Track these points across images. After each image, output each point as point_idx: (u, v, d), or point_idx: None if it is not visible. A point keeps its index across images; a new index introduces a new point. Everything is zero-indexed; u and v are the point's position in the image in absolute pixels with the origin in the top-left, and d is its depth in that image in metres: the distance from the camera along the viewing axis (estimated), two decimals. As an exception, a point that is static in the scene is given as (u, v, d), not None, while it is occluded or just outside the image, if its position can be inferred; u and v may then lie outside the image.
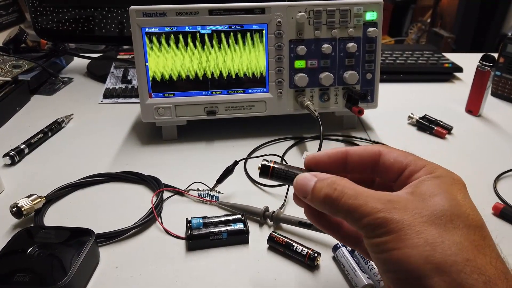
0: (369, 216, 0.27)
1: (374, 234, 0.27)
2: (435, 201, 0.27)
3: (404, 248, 0.25)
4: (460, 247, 0.25)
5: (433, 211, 0.26)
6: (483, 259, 0.25)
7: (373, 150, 0.32)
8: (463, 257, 0.25)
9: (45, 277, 0.40)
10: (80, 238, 0.44)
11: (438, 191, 0.28)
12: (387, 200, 0.27)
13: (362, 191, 0.28)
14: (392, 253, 0.26)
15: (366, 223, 0.27)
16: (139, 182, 0.58)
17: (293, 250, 0.45)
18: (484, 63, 0.75)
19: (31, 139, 0.67)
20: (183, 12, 0.63)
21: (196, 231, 0.47)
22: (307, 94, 0.68)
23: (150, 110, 0.66)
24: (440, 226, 0.26)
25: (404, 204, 0.27)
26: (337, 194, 0.29)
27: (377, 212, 0.27)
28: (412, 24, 2.84)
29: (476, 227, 0.26)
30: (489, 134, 0.73)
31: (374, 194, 0.28)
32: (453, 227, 0.26)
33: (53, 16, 0.89)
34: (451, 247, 0.25)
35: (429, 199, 0.27)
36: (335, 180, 0.30)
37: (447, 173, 0.29)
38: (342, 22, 0.66)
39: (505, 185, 0.58)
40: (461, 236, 0.26)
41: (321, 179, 0.31)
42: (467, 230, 0.26)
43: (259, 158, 0.63)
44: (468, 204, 0.28)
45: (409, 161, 0.31)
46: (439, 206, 0.27)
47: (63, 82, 0.94)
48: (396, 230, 0.26)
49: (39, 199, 0.51)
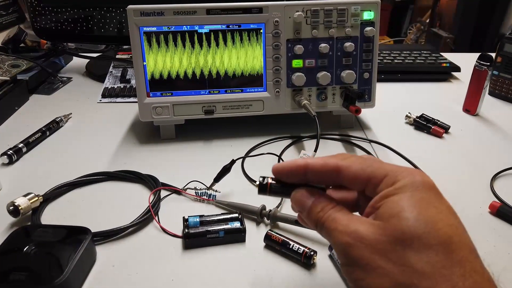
0: (337, 240, 0.28)
1: (343, 261, 0.28)
2: (394, 223, 0.26)
3: (368, 279, 0.26)
4: (420, 275, 0.24)
5: (392, 236, 0.26)
6: (446, 283, 0.24)
7: (331, 166, 0.31)
8: (424, 285, 0.24)
9: (41, 275, 0.40)
10: (77, 236, 0.44)
11: (397, 210, 0.26)
12: (354, 226, 0.28)
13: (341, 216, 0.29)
14: (358, 283, 0.27)
15: (336, 247, 0.29)
16: (136, 181, 0.58)
17: (290, 248, 0.45)
18: (481, 62, 0.75)
19: (29, 138, 0.67)
20: (181, 11, 0.63)
21: (193, 230, 0.47)
22: (305, 94, 0.69)
23: (148, 109, 0.66)
24: (400, 252, 0.25)
25: (366, 228, 0.27)
26: (325, 217, 0.30)
27: (342, 236, 0.28)
28: (411, 24, 2.85)
29: (439, 243, 0.25)
30: (487, 133, 0.73)
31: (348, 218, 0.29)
32: (414, 252, 0.25)
33: (52, 16, 0.89)
34: (412, 276, 0.25)
35: (388, 221, 0.27)
36: (328, 205, 0.31)
37: (408, 180, 0.28)
38: (340, 22, 0.66)
39: (502, 183, 0.58)
40: (421, 260, 0.25)
41: (316, 202, 0.31)
42: (427, 251, 0.25)
43: (256, 157, 0.63)
44: (430, 215, 0.26)
45: (369, 173, 0.30)
46: (397, 230, 0.26)
47: (62, 82, 0.94)
48: (358, 258, 0.27)
49: (36, 198, 0.51)
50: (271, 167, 0.34)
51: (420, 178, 0.28)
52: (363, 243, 0.27)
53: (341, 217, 0.29)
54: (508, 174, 0.60)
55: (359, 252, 0.27)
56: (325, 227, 0.30)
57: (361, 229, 0.27)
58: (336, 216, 0.29)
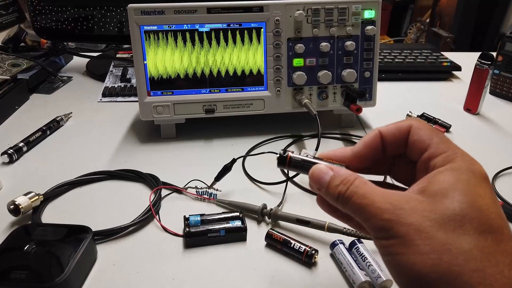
0: (375, 218, 0.26)
1: (380, 236, 0.26)
2: (446, 203, 0.25)
3: (409, 254, 0.25)
4: (468, 257, 0.24)
5: (442, 215, 0.25)
6: (493, 268, 0.24)
7: (404, 126, 0.31)
8: (469, 267, 0.24)
9: (42, 274, 0.40)
10: (77, 235, 0.44)
11: (450, 190, 0.26)
12: (395, 200, 0.26)
13: (371, 191, 0.28)
14: (396, 257, 0.25)
15: (373, 224, 0.27)
16: (137, 180, 0.58)
17: (291, 247, 0.45)
18: (482, 61, 0.75)
19: (30, 137, 0.67)
20: (181, 10, 0.63)
21: (194, 229, 0.47)
22: (306, 92, 0.68)
23: (148, 108, 0.66)
24: (449, 232, 0.24)
25: (413, 205, 0.26)
26: (349, 192, 0.28)
27: (382, 213, 0.26)
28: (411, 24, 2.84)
29: (491, 231, 0.25)
30: (488, 132, 0.73)
31: (382, 193, 0.27)
32: (463, 233, 0.24)
33: (52, 15, 0.89)
34: (458, 256, 0.24)
35: (439, 200, 0.26)
36: (348, 177, 0.29)
37: (467, 164, 0.27)
38: (340, 20, 0.66)
39: (503, 182, 0.58)
40: (470, 243, 0.24)
41: (336, 174, 0.30)
42: (478, 236, 0.24)
43: (257, 156, 0.63)
44: (484, 204, 0.25)
45: (431, 142, 0.29)
46: (450, 209, 0.25)
47: (62, 81, 0.94)
48: (402, 234, 0.25)
49: (36, 196, 0.51)
50: (271, 166, 0.34)
51: (478, 167, 0.28)
52: (408, 219, 0.25)
53: (371, 190, 0.28)
54: (509, 173, 0.60)
55: (404, 228, 0.25)
56: (351, 203, 0.28)
57: (406, 205, 0.26)
58: (366, 191, 0.28)
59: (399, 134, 0.31)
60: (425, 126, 0.30)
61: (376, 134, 0.32)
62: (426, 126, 0.30)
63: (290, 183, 0.56)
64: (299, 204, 0.53)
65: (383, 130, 0.31)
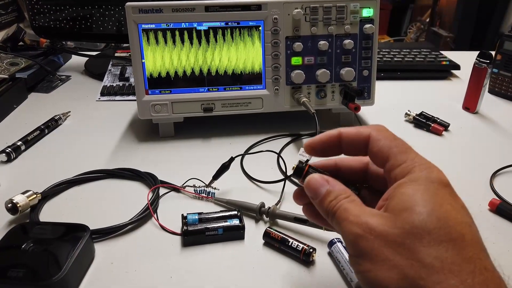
0: (346, 233, 0.28)
1: (351, 252, 0.28)
2: (405, 216, 0.26)
3: (376, 271, 0.26)
4: (429, 270, 0.24)
5: (402, 229, 0.26)
6: (455, 279, 0.24)
7: (364, 134, 0.31)
8: (432, 280, 0.24)
9: (39, 272, 0.40)
10: (75, 234, 0.44)
11: (409, 203, 0.26)
12: (365, 218, 0.27)
13: (353, 208, 0.29)
14: (365, 274, 0.27)
15: (344, 239, 0.28)
16: (135, 179, 0.58)
17: (289, 245, 0.45)
18: (481, 60, 0.75)
19: (28, 136, 0.67)
20: (179, 8, 0.63)
21: (191, 227, 0.47)
22: (304, 91, 0.68)
23: (146, 107, 0.66)
24: (410, 246, 0.25)
25: (378, 222, 0.27)
26: (336, 207, 0.30)
27: (352, 229, 0.27)
28: (411, 23, 2.84)
29: (451, 239, 0.25)
30: (486, 131, 0.73)
31: (360, 211, 0.28)
32: (423, 246, 0.25)
33: (50, 14, 0.89)
34: (420, 270, 0.24)
35: (399, 214, 0.26)
36: (341, 195, 0.30)
37: (425, 173, 0.28)
38: (339, 19, 0.66)
39: (502, 181, 0.58)
40: (430, 255, 0.24)
41: (331, 189, 0.31)
42: (437, 246, 0.25)
43: (255, 154, 0.63)
44: (443, 212, 0.26)
45: (390, 153, 0.30)
46: (408, 223, 0.26)
47: (61, 80, 0.94)
48: (368, 250, 0.26)
49: (34, 195, 0.51)
50: (270, 165, 0.34)
51: (436, 174, 0.28)
52: (373, 234, 0.26)
53: (353, 208, 0.29)
54: (507, 171, 0.60)
55: (368, 244, 0.26)
56: (336, 217, 0.29)
57: (371, 221, 0.27)
58: (348, 207, 0.29)
59: (358, 139, 0.32)
60: (384, 136, 0.31)
61: (334, 133, 0.33)
62: (384, 135, 0.31)
63: (288, 181, 0.56)
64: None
65: (343, 131, 0.33)
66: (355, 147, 0.32)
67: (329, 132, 0.33)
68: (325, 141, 0.33)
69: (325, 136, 0.33)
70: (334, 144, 0.33)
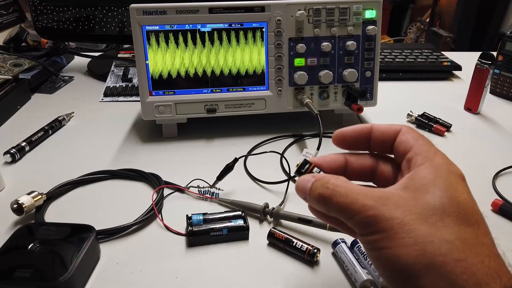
0: (360, 214, 0.27)
1: (365, 232, 0.27)
2: (427, 197, 0.26)
3: (394, 247, 0.25)
4: (450, 247, 0.24)
5: (424, 209, 0.26)
6: (475, 258, 0.24)
7: (395, 127, 0.32)
8: (453, 257, 0.24)
9: (46, 272, 0.40)
10: (81, 234, 0.44)
11: (431, 186, 0.27)
12: (378, 197, 0.27)
13: (353, 189, 0.28)
14: (382, 251, 0.26)
15: (357, 221, 0.27)
16: (139, 179, 0.58)
17: (293, 246, 0.45)
18: (483, 61, 0.75)
19: (32, 137, 0.67)
20: (183, 10, 0.63)
21: (196, 228, 0.47)
22: (307, 92, 0.69)
23: (150, 108, 0.66)
24: (431, 225, 0.25)
25: (395, 200, 0.27)
26: (329, 192, 0.29)
27: (367, 209, 0.27)
28: (411, 24, 2.85)
29: (470, 224, 0.26)
30: (488, 132, 0.73)
31: (365, 191, 0.28)
32: (444, 225, 0.25)
33: (53, 15, 0.89)
34: (441, 246, 0.24)
35: (421, 195, 0.27)
36: (328, 179, 0.30)
37: (445, 163, 0.29)
38: (342, 20, 0.66)
39: (504, 181, 0.58)
40: (451, 234, 0.25)
41: (317, 179, 0.30)
42: (458, 227, 0.25)
43: (259, 155, 0.63)
44: (463, 199, 0.27)
45: (415, 144, 0.30)
46: (431, 204, 0.26)
47: (64, 81, 0.94)
48: (386, 228, 0.26)
49: (39, 196, 0.51)
50: (273, 166, 0.34)
51: (455, 168, 0.29)
52: (392, 214, 0.26)
53: (352, 189, 0.28)
54: (510, 172, 0.60)
55: (387, 223, 0.26)
56: (334, 204, 0.28)
57: (389, 201, 0.26)
58: (348, 190, 0.28)
59: (388, 133, 0.32)
60: (414, 131, 0.32)
61: (367, 126, 0.33)
62: (414, 131, 0.32)
63: (291, 182, 0.57)
64: (301, 203, 0.52)
65: (375, 126, 0.33)
66: (383, 142, 0.32)
67: (362, 125, 0.33)
68: (358, 132, 0.33)
69: (358, 128, 0.33)
70: (365, 137, 0.33)
